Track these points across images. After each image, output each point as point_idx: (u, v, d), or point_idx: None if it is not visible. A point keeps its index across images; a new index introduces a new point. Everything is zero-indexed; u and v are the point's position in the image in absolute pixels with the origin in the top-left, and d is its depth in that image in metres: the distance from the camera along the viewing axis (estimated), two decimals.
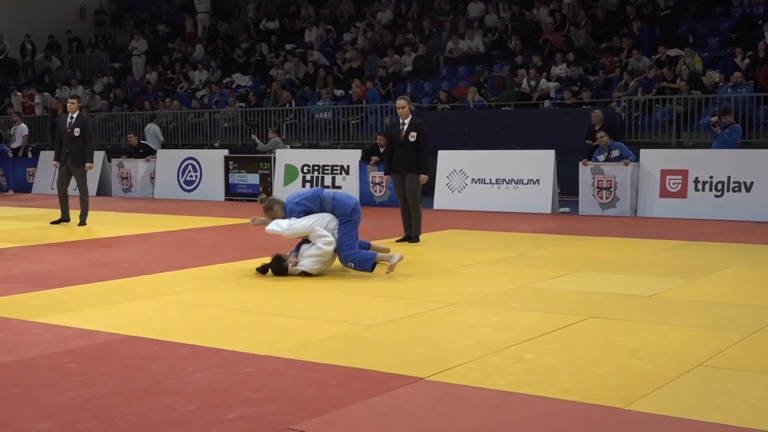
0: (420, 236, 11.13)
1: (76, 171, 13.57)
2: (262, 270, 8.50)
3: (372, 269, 8.45)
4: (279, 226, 8.57)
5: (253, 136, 20.17)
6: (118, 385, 4.89)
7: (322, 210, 8.60)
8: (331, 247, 8.40)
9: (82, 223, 13.51)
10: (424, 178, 11.03)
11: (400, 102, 11.23)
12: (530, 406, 4.51)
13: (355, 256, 8.47)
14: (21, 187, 22.09)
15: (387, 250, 9.04)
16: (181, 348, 5.71)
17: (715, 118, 14.73)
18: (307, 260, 8.42)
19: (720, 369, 5.14)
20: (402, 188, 11.12)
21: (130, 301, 7.36)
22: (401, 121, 11.17)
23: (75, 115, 13.55)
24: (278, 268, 8.47)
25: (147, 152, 20.24)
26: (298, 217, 8.52)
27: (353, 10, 26.64)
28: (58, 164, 13.75)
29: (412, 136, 10.99)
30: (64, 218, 13.75)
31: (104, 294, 7.71)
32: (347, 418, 4.35)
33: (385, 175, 11.54)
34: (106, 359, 5.47)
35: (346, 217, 8.55)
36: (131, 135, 20.73)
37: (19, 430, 4.20)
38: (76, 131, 13.43)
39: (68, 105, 13.84)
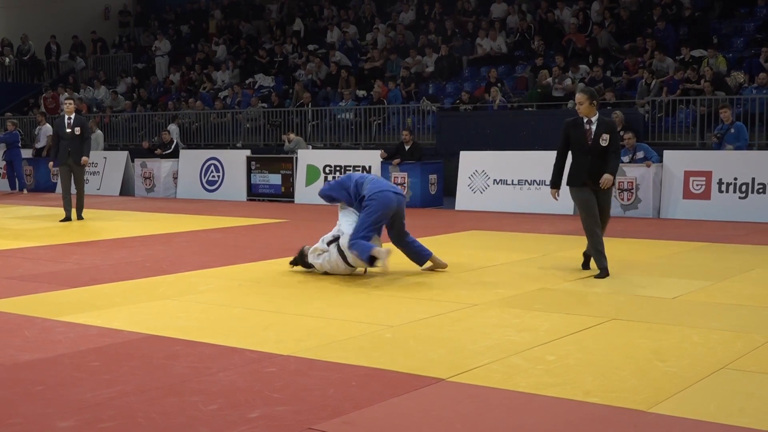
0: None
1: (77, 167, 14.24)
2: (294, 263, 8.78)
3: (369, 263, 8.25)
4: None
5: (287, 135, 20.04)
6: (141, 384, 4.92)
7: (349, 198, 8.58)
8: (320, 260, 8.47)
9: (80, 217, 14.26)
10: (608, 179, 8.40)
11: (580, 97, 8.54)
12: (552, 407, 4.50)
13: (356, 246, 8.28)
14: (45, 186, 22.26)
15: (443, 265, 8.94)
16: (204, 347, 5.73)
17: (715, 138, 14.78)
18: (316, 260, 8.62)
19: (744, 372, 5.11)
20: (594, 204, 8.50)
21: (153, 301, 7.40)
22: (585, 119, 8.51)
23: (73, 116, 14.22)
24: (302, 261, 8.72)
25: (175, 151, 20.47)
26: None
27: (376, 11, 26.66)
28: (59, 162, 14.30)
29: (604, 140, 8.43)
30: (68, 217, 14.29)
31: (128, 293, 7.76)
32: (368, 418, 4.36)
33: (552, 188, 8.83)
34: (130, 358, 5.50)
35: (364, 201, 8.43)
36: (165, 132, 21.05)
37: (43, 428, 4.23)
38: (77, 130, 14.12)
39: (66, 106, 14.50)
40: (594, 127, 8.45)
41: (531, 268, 8.99)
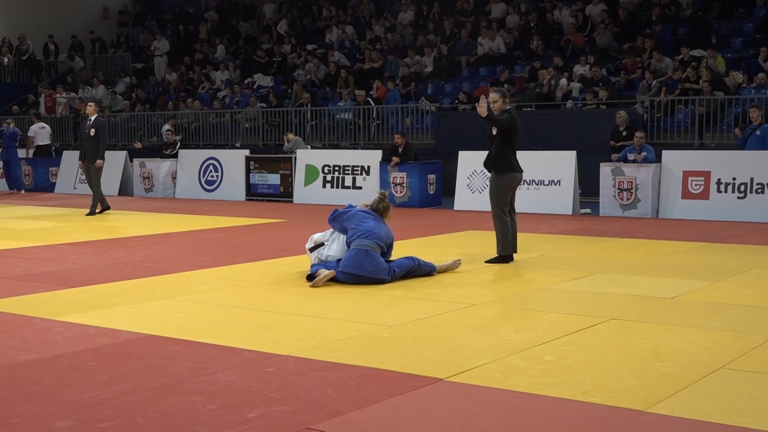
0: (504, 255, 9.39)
1: (92, 167, 15.23)
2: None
3: (309, 278, 8.15)
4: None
5: (287, 135, 19.98)
6: (139, 384, 4.91)
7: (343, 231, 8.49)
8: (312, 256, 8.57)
9: (91, 213, 15.11)
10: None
11: (492, 96, 9.29)
12: (550, 407, 4.49)
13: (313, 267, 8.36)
14: (44, 186, 22.24)
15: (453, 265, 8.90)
16: (203, 347, 5.73)
17: (738, 132, 14.73)
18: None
19: (742, 372, 5.11)
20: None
21: (151, 301, 7.40)
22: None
23: (93, 118, 15.30)
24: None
25: (174, 148, 20.50)
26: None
27: (374, 11, 26.66)
28: (82, 162, 15.54)
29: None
30: (105, 207, 15.40)
31: (126, 293, 7.76)
32: (367, 418, 4.35)
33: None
34: (128, 358, 5.50)
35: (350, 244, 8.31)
36: (168, 132, 21.08)
37: (42, 428, 4.23)
38: (92, 132, 15.14)
39: (87, 108, 15.62)
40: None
41: (529, 268, 8.99)
